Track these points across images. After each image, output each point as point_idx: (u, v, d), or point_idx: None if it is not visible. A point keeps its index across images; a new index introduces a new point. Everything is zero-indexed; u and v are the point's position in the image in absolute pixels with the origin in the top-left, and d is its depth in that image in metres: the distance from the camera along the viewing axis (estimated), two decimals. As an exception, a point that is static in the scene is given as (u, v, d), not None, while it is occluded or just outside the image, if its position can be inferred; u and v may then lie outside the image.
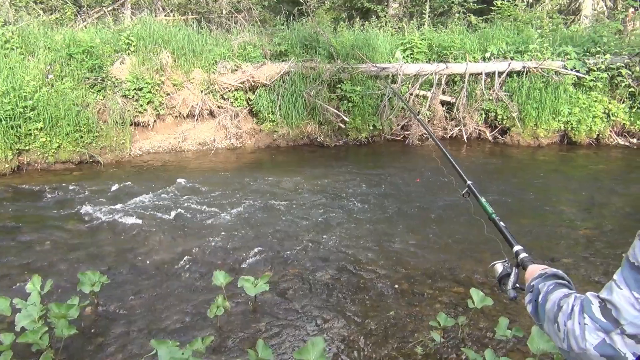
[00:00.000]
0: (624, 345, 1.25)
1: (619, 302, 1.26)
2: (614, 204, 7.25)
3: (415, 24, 12.87)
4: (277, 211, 6.67)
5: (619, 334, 1.25)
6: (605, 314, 1.28)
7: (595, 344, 1.28)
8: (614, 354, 1.26)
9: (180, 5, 15.03)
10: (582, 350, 1.30)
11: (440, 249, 5.62)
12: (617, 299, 1.26)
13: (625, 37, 11.88)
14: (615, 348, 1.26)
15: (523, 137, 10.56)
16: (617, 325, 1.26)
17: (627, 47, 10.91)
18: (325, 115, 10.19)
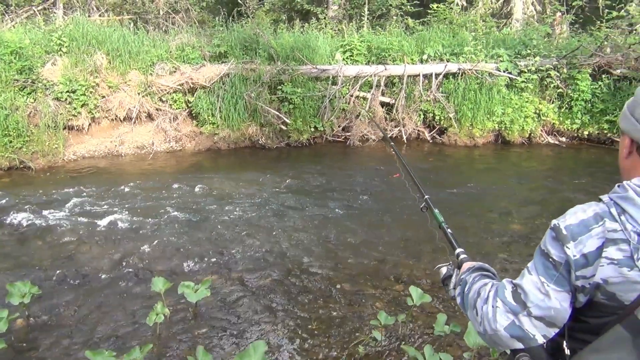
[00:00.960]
0: (533, 326, 1.35)
1: (527, 286, 1.36)
2: (545, 200, 7.56)
3: (355, 26, 13.02)
4: (219, 215, 6.59)
5: (525, 315, 1.35)
6: (515, 297, 1.37)
7: (506, 325, 1.37)
8: (522, 335, 1.36)
9: (115, 5, 14.62)
10: (493, 332, 1.39)
11: (381, 248, 5.69)
12: (526, 283, 1.36)
13: (554, 40, 12.42)
14: (524, 329, 1.35)
15: (460, 137, 10.86)
16: (524, 308, 1.35)
17: (555, 49, 11.41)
18: (267, 117, 10.15)
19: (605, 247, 1.24)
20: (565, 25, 13.93)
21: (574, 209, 1.34)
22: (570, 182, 8.37)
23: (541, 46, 11.31)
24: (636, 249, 1.21)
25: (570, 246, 1.28)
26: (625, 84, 10.54)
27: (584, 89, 10.60)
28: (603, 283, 1.25)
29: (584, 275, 1.27)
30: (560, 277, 1.32)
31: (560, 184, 8.31)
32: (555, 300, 1.32)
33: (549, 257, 1.34)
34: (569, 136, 11.14)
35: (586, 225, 1.28)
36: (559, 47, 11.62)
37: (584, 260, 1.26)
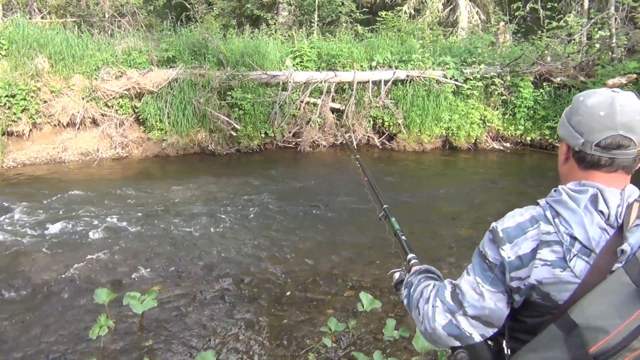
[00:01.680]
0: (470, 326, 1.39)
1: (464, 287, 1.41)
2: (490, 204, 7.76)
3: (305, 33, 13.05)
4: (167, 223, 6.46)
5: (461, 315, 1.39)
6: (453, 297, 1.42)
7: (443, 324, 1.42)
8: (459, 334, 1.41)
9: (59, 8, 14.17)
10: (432, 330, 1.44)
11: (332, 253, 5.70)
12: (463, 284, 1.42)
13: (497, 48, 12.80)
14: (460, 328, 1.40)
15: (409, 143, 11.03)
16: (461, 307, 1.40)
17: (499, 58, 11.75)
18: (216, 123, 10.04)
19: (539, 249, 1.29)
20: (508, 35, 14.39)
21: (512, 213, 1.39)
22: (514, 187, 8.63)
23: (486, 54, 11.63)
24: (568, 250, 1.26)
25: (506, 248, 1.33)
26: (565, 91, 10.96)
27: (527, 96, 10.96)
28: (537, 284, 1.30)
29: (519, 276, 1.32)
30: (495, 278, 1.36)
31: (505, 188, 8.56)
32: (489, 301, 1.36)
33: (486, 259, 1.39)
34: (513, 142, 11.47)
35: (522, 228, 1.33)
36: (503, 55, 11.98)
37: (519, 261, 1.31)
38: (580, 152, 1.35)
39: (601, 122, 1.30)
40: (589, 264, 1.25)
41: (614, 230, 1.26)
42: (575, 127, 1.36)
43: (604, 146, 1.30)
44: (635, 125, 1.29)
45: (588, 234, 1.25)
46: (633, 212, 1.26)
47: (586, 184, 1.33)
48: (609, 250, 1.24)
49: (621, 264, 1.22)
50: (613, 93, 1.33)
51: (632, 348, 1.15)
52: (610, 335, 1.15)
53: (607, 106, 1.30)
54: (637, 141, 1.29)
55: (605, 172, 1.32)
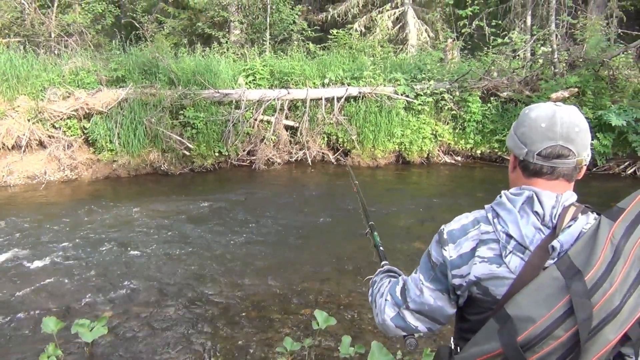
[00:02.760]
0: (414, 319, 1.53)
1: (409, 283, 1.55)
2: (444, 217, 7.81)
3: (257, 51, 13.08)
4: (118, 246, 6.30)
5: (405, 309, 1.54)
6: (401, 292, 1.56)
7: (392, 316, 1.56)
8: (405, 326, 1.55)
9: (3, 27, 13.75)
10: (382, 321, 1.59)
11: (287, 272, 5.67)
12: (409, 280, 1.56)
13: (446, 65, 13.12)
14: (406, 321, 1.54)
15: (363, 159, 11.15)
16: (404, 302, 1.54)
17: (448, 74, 12.06)
18: (169, 142, 9.92)
19: (478, 247, 1.39)
20: (456, 51, 14.77)
21: (460, 216, 1.50)
22: (465, 199, 8.80)
23: (435, 71, 11.91)
24: (504, 247, 1.36)
25: (448, 248, 1.44)
26: (512, 105, 11.31)
27: (475, 110, 11.26)
28: (477, 279, 1.39)
29: (460, 274, 1.42)
30: (435, 276, 1.48)
31: (457, 201, 8.72)
32: (429, 297, 1.49)
33: (430, 258, 1.51)
34: (464, 155, 11.74)
35: (464, 229, 1.44)
36: (451, 71, 12.29)
37: (460, 260, 1.42)
38: (525, 161, 1.44)
39: (542, 133, 1.38)
40: (524, 260, 1.33)
41: (549, 230, 1.35)
42: (520, 137, 1.45)
43: (545, 155, 1.39)
44: (574, 137, 1.37)
45: (522, 232, 1.34)
46: (568, 214, 1.35)
47: (524, 188, 1.42)
48: (542, 248, 1.32)
49: (553, 260, 1.30)
50: (555, 107, 1.41)
51: (555, 336, 1.21)
52: (536, 323, 1.22)
53: (548, 119, 1.39)
54: (576, 151, 1.38)
55: (547, 179, 1.41)
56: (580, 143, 1.39)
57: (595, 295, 1.20)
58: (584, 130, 1.40)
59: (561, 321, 1.21)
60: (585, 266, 1.23)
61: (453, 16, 17.41)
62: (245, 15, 15.63)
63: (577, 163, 1.40)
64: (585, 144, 1.41)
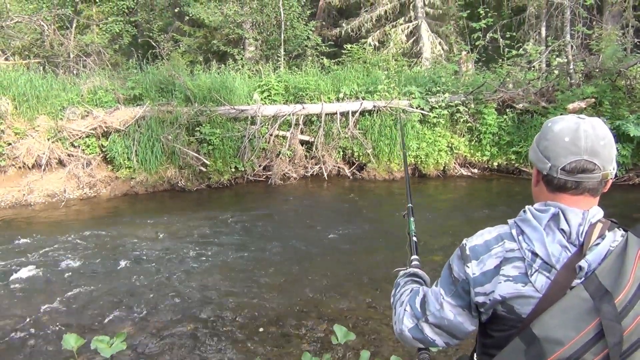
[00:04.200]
0: (433, 333, 1.51)
1: (429, 296, 1.52)
2: (461, 230, 7.82)
3: (272, 67, 13.19)
4: (136, 262, 6.34)
5: (424, 322, 1.51)
6: (421, 304, 1.53)
7: (410, 327, 1.54)
8: (423, 338, 1.53)
9: (23, 49, 14.06)
10: (400, 331, 1.56)
11: (306, 286, 5.66)
12: (430, 293, 1.53)
13: (461, 77, 13.09)
14: (424, 333, 1.52)
15: (379, 172, 11.13)
16: (424, 315, 1.51)
17: (463, 86, 12.02)
18: (185, 159, 9.99)
19: (502, 265, 1.36)
20: (470, 64, 14.74)
21: (482, 231, 1.47)
22: (482, 211, 8.73)
23: (449, 83, 11.90)
24: (530, 266, 1.33)
25: (471, 265, 1.41)
26: (527, 117, 11.24)
27: (491, 122, 11.20)
28: (502, 298, 1.36)
29: (484, 291, 1.39)
30: (457, 292, 1.45)
31: (474, 214, 8.65)
32: (449, 313, 1.46)
33: (452, 273, 1.47)
34: (480, 167, 11.66)
35: (488, 246, 1.41)
36: (466, 83, 12.25)
37: (483, 277, 1.39)
38: (548, 176, 1.40)
39: (566, 148, 1.35)
40: (550, 279, 1.30)
41: (575, 248, 1.32)
42: (543, 151, 1.42)
43: (569, 170, 1.36)
44: (599, 151, 1.34)
45: (548, 251, 1.31)
46: (595, 232, 1.31)
47: (549, 204, 1.39)
48: (569, 267, 1.29)
49: (580, 280, 1.26)
50: (579, 119, 1.38)
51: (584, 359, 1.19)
52: (565, 347, 1.20)
53: (572, 132, 1.36)
54: (601, 165, 1.35)
55: (572, 194, 1.38)
56: (605, 157, 1.36)
57: (626, 319, 1.18)
58: (609, 143, 1.37)
59: (591, 345, 1.19)
60: (615, 287, 1.20)
61: (467, 29, 17.41)
62: (259, 32, 15.80)
63: (603, 177, 1.37)
64: (611, 158, 1.38)
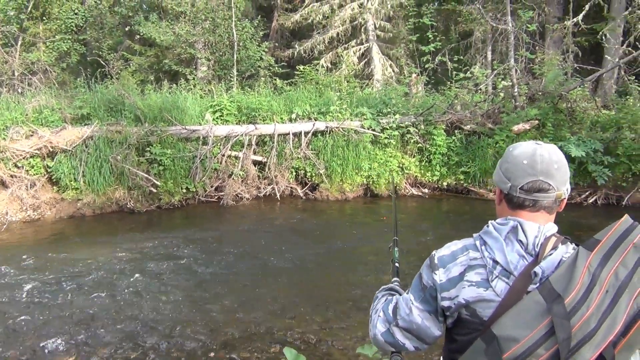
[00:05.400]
0: (403, 337, 1.64)
1: (401, 302, 1.67)
2: (411, 250, 7.92)
3: (224, 87, 13.17)
4: (82, 287, 6.14)
5: (395, 326, 1.65)
6: (393, 310, 1.68)
7: (382, 331, 1.68)
8: (393, 342, 1.66)
9: (-36, 67, 13.58)
10: (374, 336, 1.71)
11: (257, 309, 5.60)
12: (401, 299, 1.68)
13: (411, 99, 13.39)
14: (395, 337, 1.65)
15: (331, 192, 11.19)
16: (395, 319, 1.65)
17: (413, 108, 12.30)
18: (135, 179, 9.80)
19: (466, 272, 1.52)
20: (420, 86, 15.12)
21: (450, 243, 1.62)
22: (433, 231, 8.89)
23: (400, 105, 12.15)
24: (491, 272, 1.48)
25: (439, 273, 1.56)
26: (475, 138, 11.57)
27: (440, 143, 11.47)
28: (465, 302, 1.51)
29: (449, 296, 1.54)
30: (425, 298, 1.60)
31: (424, 233, 8.80)
32: (417, 317, 1.60)
33: (421, 280, 1.63)
34: (431, 187, 11.89)
35: (454, 255, 1.57)
36: (416, 105, 12.53)
37: (449, 283, 1.54)
38: (509, 195, 1.57)
39: (524, 170, 1.53)
40: (508, 284, 1.46)
41: (532, 258, 1.48)
42: (504, 173, 1.59)
43: (527, 189, 1.53)
44: (553, 173, 1.52)
45: (507, 259, 1.48)
46: (549, 244, 1.48)
47: (509, 219, 1.56)
48: (525, 274, 1.45)
49: (536, 285, 1.41)
50: (536, 145, 1.56)
51: (537, 354, 1.32)
52: (519, 343, 1.33)
53: (529, 156, 1.53)
54: (555, 186, 1.52)
55: (530, 211, 1.55)
56: (559, 178, 1.53)
57: (574, 318, 1.31)
58: (563, 166, 1.54)
59: (543, 341, 1.32)
60: (565, 291, 1.34)
61: (417, 52, 17.92)
62: (212, 52, 15.79)
63: (557, 197, 1.54)
64: (564, 180, 1.55)
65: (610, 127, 10.75)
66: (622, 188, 10.31)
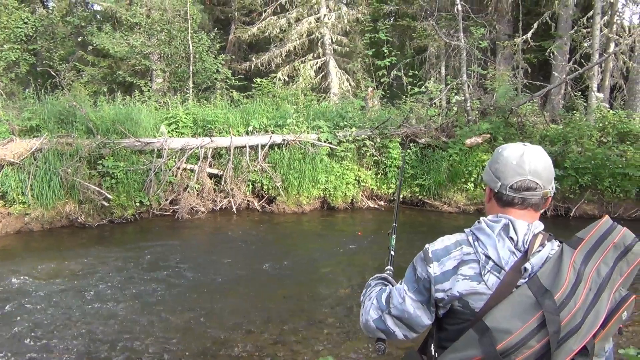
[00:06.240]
0: (394, 324, 1.73)
1: (394, 292, 1.76)
2: (365, 262, 7.98)
3: (180, 99, 13.01)
4: (28, 305, 5.91)
5: (387, 314, 1.74)
6: (386, 299, 1.77)
7: (375, 318, 1.77)
8: (385, 329, 1.75)
9: None
10: (365, 321, 1.80)
11: (212, 324, 5.51)
12: (394, 289, 1.77)
13: (367, 112, 13.54)
14: (386, 324, 1.74)
15: (288, 205, 11.16)
16: (388, 307, 1.74)
17: (369, 121, 12.43)
18: (86, 193, 9.54)
19: (460, 266, 1.61)
20: (376, 99, 15.31)
21: (442, 238, 1.72)
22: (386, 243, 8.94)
23: (356, 118, 12.25)
24: (483, 267, 1.58)
25: (433, 266, 1.65)
26: (430, 151, 11.78)
27: (396, 156, 11.62)
28: (459, 295, 1.59)
29: (443, 289, 1.62)
30: (418, 289, 1.68)
31: (381, 244, 8.85)
32: (410, 306, 1.69)
33: (415, 272, 1.71)
34: (387, 200, 11.99)
35: (447, 250, 1.66)
36: (372, 119, 12.66)
37: (443, 276, 1.62)
38: (499, 193, 1.69)
39: (513, 169, 1.65)
40: (500, 279, 1.56)
41: (521, 254, 1.58)
42: (494, 173, 1.70)
43: (516, 188, 1.65)
44: (540, 172, 1.64)
45: (499, 254, 1.58)
46: (537, 241, 1.59)
47: (501, 216, 1.67)
48: (516, 269, 1.55)
49: (525, 280, 1.52)
50: (524, 147, 1.68)
51: (529, 345, 1.43)
52: (513, 335, 1.43)
53: (518, 157, 1.65)
54: (542, 185, 1.64)
55: (518, 208, 1.67)
56: (545, 178, 1.66)
57: (563, 312, 1.42)
58: (549, 167, 1.67)
59: (534, 333, 1.42)
60: (553, 287, 1.45)
61: (373, 66, 18.17)
62: (168, 64, 15.60)
63: (544, 195, 1.66)
64: (550, 179, 1.68)
65: (558, 141, 11.14)
66: (569, 200, 10.68)
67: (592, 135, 11.16)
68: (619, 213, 10.50)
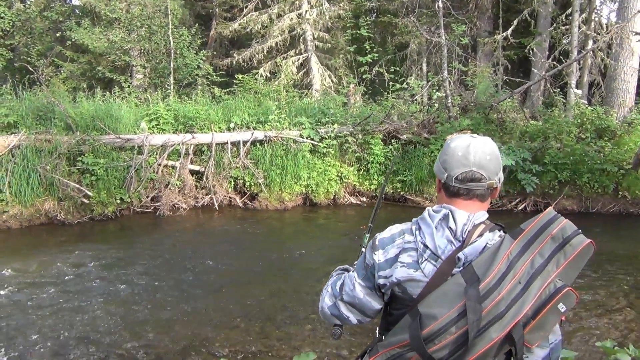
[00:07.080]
0: (347, 310, 1.82)
1: (347, 279, 1.85)
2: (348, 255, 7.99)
3: (160, 95, 12.91)
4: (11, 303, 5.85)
5: (340, 300, 1.83)
6: (340, 286, 1.86)
7: (329, 305, 1.86)
8: (338, 314, 1.84)
9: None
10: (322, 308, 1.89)
11: (193, 321, 5.50)
12: (347, 277, 1.86)
13: (349, 109, 13.56)
14: (340, 310, 1.83)
15: (270, 202, 11.14)
16: (340, 294, 1.83)
17: (351, 117, 12.43)
18: (65, 190, 9.43)
19: (401, 254, 1.65)
20: (358, 96, 15.33)
21: (392, 227, 1.76)
22: (371, 239, 8.98)
23: (338, 114, 12.26)
24: (421, 255, 1.62)
25: (378, 253, 1.71)
26: (411, 147, 11.83)
27: (378, 152, 11.66)
28: (397, 281, 1.64)
29: (385, 275, 1.68)
30: (366, 275, 1.76)
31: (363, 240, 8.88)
32: (359, 292, 1.77)
33: (365, 259, 1.78)
34: (369, 196, 12.02)
35: (392, 238, 1.71)
36: (354, 115, 12.67)
37: (385, 263, 1.68)
38: (446, 184, 1.72)
39: (459, 161, 1.67)
40: (436, 267, 1.59)
41: (459, 243, 1.61)
42: (442, 164, 1.72)
43: (461, 179, 1.67)
44: (485, 164, 1.66)
45: (436, 244, 1.61)
46: (476, 231, 1.61)
47: (444, 206, 1.69)
48: (451, 258, 1.58)
49: (459, 269, 1.54)
50: (471, 138, 1.69)
51: (450, 332, 1.45)
52: (437, 320, 1.46)
53: (464, 148, 1.67)
54: (487, 176, 1.66)
55: (464, 199, 1.69)
56: (490, 169, 1.67)
57: (486, 301, 1.43)
58: (495, 158, 1.69)
59: (456, 320, 1.44)
60: (483, 276, 1.46)
61: (354, 63, 18.18)
62: (148, 60, 15.45)
63: (489, 186, 1.68)
64: (496, 170, 1.69)
65: (537, 137, 11.27)
66: (549, 195, 10.83)
67: (570, 131, 11.31)
68: (597, 208, 10.68)
